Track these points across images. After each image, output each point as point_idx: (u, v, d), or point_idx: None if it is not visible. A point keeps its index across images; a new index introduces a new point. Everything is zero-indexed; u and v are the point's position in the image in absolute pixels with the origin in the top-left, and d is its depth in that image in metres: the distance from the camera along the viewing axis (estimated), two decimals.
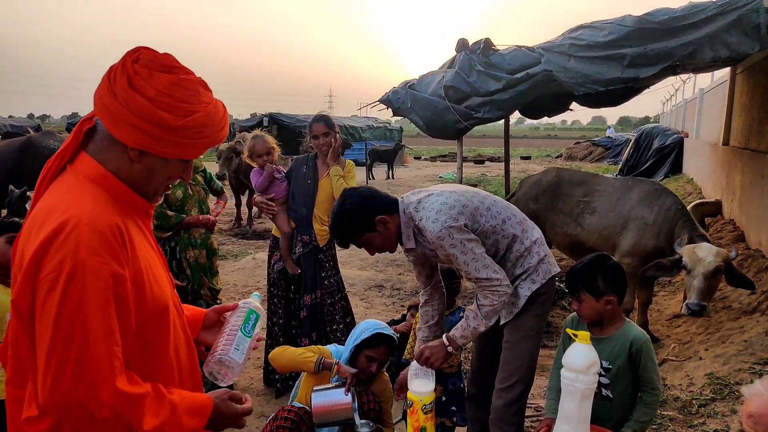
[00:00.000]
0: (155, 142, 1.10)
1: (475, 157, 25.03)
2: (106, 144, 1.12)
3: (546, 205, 4.58)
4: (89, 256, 1.00)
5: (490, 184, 15.32)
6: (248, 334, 1.42)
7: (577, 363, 1.84)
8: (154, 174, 1.16)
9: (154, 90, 1.07)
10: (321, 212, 3.38)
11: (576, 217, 4.36)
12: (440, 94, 4.92)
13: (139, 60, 1.09)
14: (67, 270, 0.98)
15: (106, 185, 1.12)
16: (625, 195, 4.11)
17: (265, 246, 7.86)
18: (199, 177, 3.37)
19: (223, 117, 1.19)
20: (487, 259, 2.05)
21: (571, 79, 4.22)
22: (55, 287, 0.98)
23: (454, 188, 2.19)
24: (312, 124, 3.37)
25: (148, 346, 1.14)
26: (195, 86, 1.13)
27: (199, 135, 1.13)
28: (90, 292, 1.00)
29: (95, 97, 1.12)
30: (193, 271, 3.25)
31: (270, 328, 3.56)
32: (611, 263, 2.06)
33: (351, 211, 2.09)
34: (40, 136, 6.94)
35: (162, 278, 1.21)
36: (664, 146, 13.84)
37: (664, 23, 3.87)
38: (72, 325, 0.99)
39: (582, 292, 2.02)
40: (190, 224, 3.21)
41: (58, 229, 1.01)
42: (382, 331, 2.41)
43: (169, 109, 1.08)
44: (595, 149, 24.25)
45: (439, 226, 1.99)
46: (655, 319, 4.62)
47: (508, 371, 2.21)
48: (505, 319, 2.23)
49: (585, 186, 4.44)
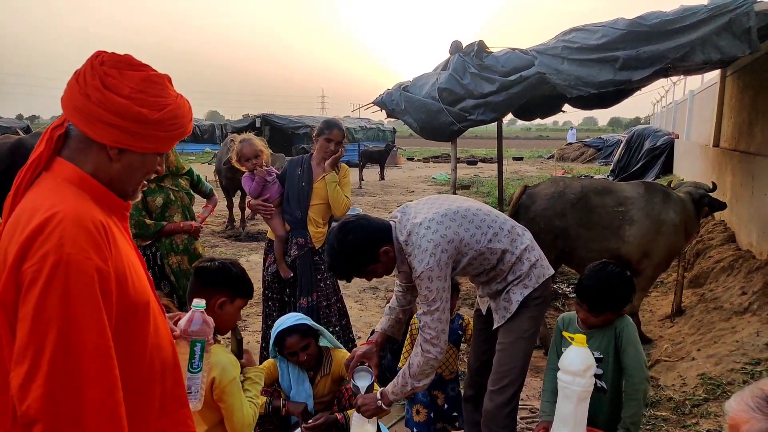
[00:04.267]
0: (134, 138, 1.14)
1: (468, 158, 25.09)
2: (82, 146, 1.14)
3: (578, 220, 3.96)
4: (74, 250, 1.01)
5: (483, 185, 15.36)
6: (196, 369, 1.40)
7: (573, 366, 1.86)
8: (133, 170, 1.20)
9: (128, 88, 1.12)
10: (316, 214, 3.37)
11: (617, 230, 3.92)
12: (434, 96, 4.93)
13: (105, 62, 1.13)
14: (50, 263, 0.98)
15: (85, 186, 1.14)
16: (650, 199, 3.95)
17: (258, 248, 7.84)
18: (184, 181, 3.28)
19: (189, 109, 1.26)
20: (445, 315, 2.09)
21: (564, 81, 4.24)
22: (38, 279, 0.98)
23: (443, 212, 2.11)
24: (332, 128, 3.33)
25: (129, 342, 1.13)
26: (163, 81, 1.19)
27: (173, 126, 1.19)
28: (75, 286, 1.00)
29: (63, 102, 1.14)
30: (177, 278, 3.19)
31: (264, 331, 3.55)
32: (627, 276, 2.12)
33: (354, 247, 2.05)
34: (32, 138, 6.86)
35: (142, 276, 1.23)
36: (654, 147, 13.95)
37: (656, 26, 3.90)
38: (53, 316, 0.98)
39: (605, 312, 2.06)
40: (171, 231, 3.14)
41: (42, 224, 1.01)
42: (279, 329, 2.56)
43: (145, 104, 1.13)
44: (586, 150, 24.42)
45: (422, 267, 2.02)
46: (647, 319, 4.66)
47: (500, 373, 2.22)
48: (498, 323, 2.25)
49: (613, 194, 4.01)
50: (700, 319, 4.14)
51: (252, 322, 4.92)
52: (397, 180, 17.40)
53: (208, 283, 1.94)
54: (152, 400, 1.22)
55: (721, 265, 4.77)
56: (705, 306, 4.29)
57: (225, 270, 1.98)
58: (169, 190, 3.17)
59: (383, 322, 2.47)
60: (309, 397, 2.62)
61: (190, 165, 3.41)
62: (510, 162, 24.43)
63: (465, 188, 14.57)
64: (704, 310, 4.23)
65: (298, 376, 2.64)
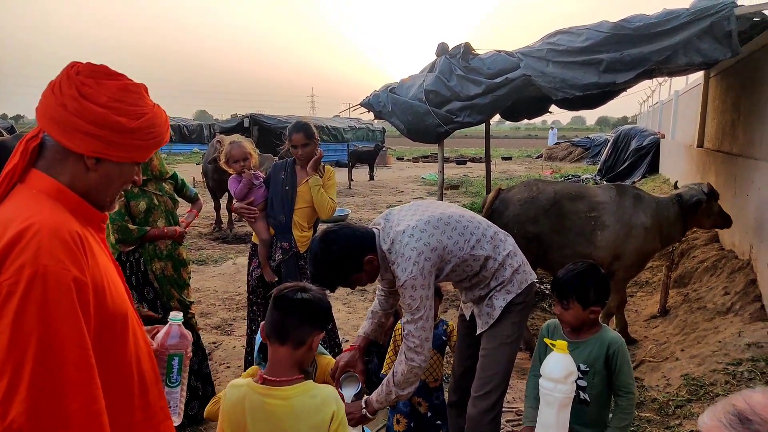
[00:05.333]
0: (111, 147, 1.14)
1: (457, 158, 25.16)
2: (58, 157, 1.13)
3: (551, 226, 3.99)
4: (51, 261, 1.00)
5: (472, 184, 15.42)
6: (174, 383, 1.39)
7: (555, 372, 1.86)
8: (110, 180, 1.19)
9: (105, 97, 1.12)
10: (300, 218, 3.35)
11: (589, 235, 3.94)
12: (421, 98, 4.93)
13: (81, 72, 1.13)
14: (27, 275, 0.97)
15: (62, 198, 1.13)
16: (621, 203, 3.98)
17: (246, 250, 7.79)
18: (168, 186, 3.22)
19: (166, 119, 1.26)
20: (429, 324, 2.07)
21: (549, 83, 4.26)
22: (15, 291, 0.96)
23: (426, 219, 2.10)
24: (291, 133, 3.29)
25: (108, 354, 1.12)
26: (140, 90, 1.19)
27: (150, 135, 1.19)
28: (53, 298, 0.99)
29: (39, 113, 1.13)
30: (160, 284, 3.13)
31: (249, 336, 3.53)
32: (602, 274, 2.11)
33: (338, 257, 2.03)
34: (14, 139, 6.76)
35: (120, 287, 1.22)
36: (641, 147, 14.08)
37: (640, 29, 3.93)
38: (32, 330, 0.96)
39: (571, 301, 2.05)
40: (154, 237, 3.08)
41: (18, 236, 1.00)
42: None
43: (123, 113, 1.13)
44: (574, 149, 24.60)
45: (406, 276, 2.01)
46: (632, 320, 4.70)
47: (483, 379, 2.22)
48: (481, 328, 2.25)
49: (585, 200, 4.02)
50: (684, 319, 4.18)
51: (238, 326, 4.89)
52: (387, 180, 17.40)
53: (308, 320, 1.61)
54: (133, 411, 1.20)
55: (704, 265, 4.82)
56: (689, 306, 4.34)
57: (324, 303, 1.70)
58: (153, 195, 3.12)
59: (365, 325, 2.46)
60: None
61: (174, 169, 3.36)
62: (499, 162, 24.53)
63: (454, 188, 14.61)
64: (688, 310, 4.27)
65: None
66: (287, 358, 1.58)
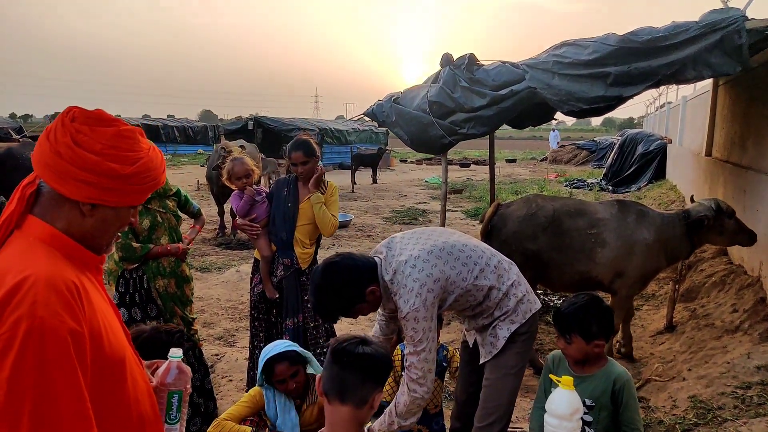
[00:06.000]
0: (106, 193, 1.14)
1: (461, 161, 25.08)
2: (54, 204, 1.14)
3: (549, 244, 3.94)
4: (47, 314, 1.00)
5: (476, 188, 15.35)
6: (173, 420, 1.39)
7: (560, 409, 1.81)
8: (107, 225, 1.20)
9: (99, 144, 1.12)
10: (302, 235, 3.33)
11: (589, 252, 3.88)
12: (425, 109, 4.88)
13: (75, 119, 1.14)
14: (24, 329, 0.97)
15: (58, 244, 1.13)
16: (623, 219, 3.91)
17: (249, 256, 7.77)
18: (171, 202, 3.22)
19: (162, 160, 1.27)
20: (432, 355, 2.04)
21: (555, 96, 4.20)
22: (12, 346, 0.97)
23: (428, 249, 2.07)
24: (291, 151, 3.27)
25: (107, 399, 1.13)
26: (134, 135, 1.20)
27: (145, 180, 1.20)
28: (49, 351, 0.99)
29: (35, 159, 1.15)
30: (163, 301, 3.13)
31: (251, 351, 3.51)
32: (604, 306, 2.06)
33: (340, 289, 2.00)
34: (20, 148, 6.78)
35: (118, 330, 1.22)
36: (647, 152, 13.99)
37: (648, 43, 3.87)
38: (29, 384, 0.97)
39: (574, 335, 2.00)
40: (158, 254, 3.08)
41: (14, 289, 1.01)
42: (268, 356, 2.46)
43: (117, 159, 1.14)
44: (579, 152, 24.45)
45: (408, 308, 1.97)
46: (638, 335, 4.63)
47: (487, 409, 2.19)
48: (484, 358, 2.21)
49: (585, 216, 3.95)
50: (691, 336, 4.11)
51: (240, 337, 4.86)
52: (390, 183, 17.35)
53: (371, 377, 1.47)
54: None
55: (712, 279, 4.75)
56: (696, 323, 4.27)
57: (387, 358, 1.56)
58: (156, 212, 3.11)
59: None
60: (295, 426, 2.57)
61: (177, 186, 3.35)
62: (503, 164, 24.46)
63: (457, 192, 14.56)
64: (695, 326, 4.20)
65: (285, 404, 2.59)
66: (350, 420, 1.44)
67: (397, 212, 11.63)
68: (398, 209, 12.05)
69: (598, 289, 4.06)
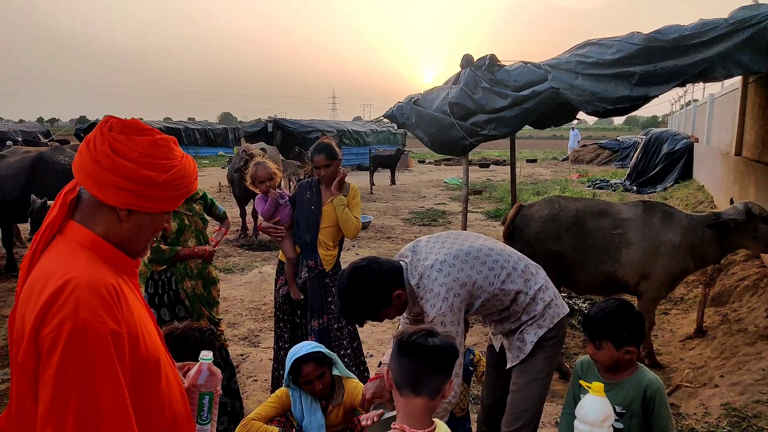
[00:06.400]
0: (142, 200, 1.19)
1: (480, 161, 24.92)
2: (93, 210, 1.20)
3: (573, 244, 3.89)
4: (89, 316, 1.05)
5: (496, 189, 15.23)
6: (205, 421, 1.43)
7: (590, 416, 1.78)
8: (142, 230, 1.25)
9: (136, 152, 1.17)
10: (325, 237, 3.35)
11: (613, 253, 3.83)
12: (445, 111, 4.85)
13: (113, 128, 1.19)
14: (67, 329, 1.02)
15: (97, 249, 1.19)
16: (648, 220, 3.84)
17: (271, 257, 7.84)
18: (197, 206, 3.28)
19: (195, 168, 1.32)
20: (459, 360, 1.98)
21: (578, 96, 4.15)
22: (57, 345, 1.02)
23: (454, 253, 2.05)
24: (313, 155, 3.30)
25: (142, 399, 1.17)
26: (169, 144, 1.25)
27: (179, 187, 1.25)
28: (92, 351, 1.04)
29: (75, 167, 1.21)
30: (191, 302, 3.20)
31: (276, 352, 3.55)
32: (635, 312, 2.01)
33: (366, 293, 2.00)
34: (51, 152, 6.95)
35: (153, 332, 1.27)
36: (673, 151, 13.71)
37: (674, 41, 3.79)
38: (73, 383, 1.02)
39: (604, 341, 1.97)
40: (185, 256, 3.14)
41: (58, 292, 1.05)
42: (296, 357, 2.49)
43: (152, 167, 1.19)
44: (602, 152, 24.06)
45: (435, 312, 1.96)
46: (667, 340, 4.54)
47: (514, 415, 2.16)
48: (511, 362, 2.18)
49: (609, 216, 3.90)
50: (723, 341, 4.01)
51: (264, 338, 4.90)
52: (408, 184, 17.32)
53: (443, 367, 1.47)
54: None
55: (744, 283, 4.62)
56: (728, 327, 4.16)
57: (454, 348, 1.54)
58: (184, 215, 3.18)
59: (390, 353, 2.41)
60: (321, 427, 2.58)
61: (204, 189, 3.40)
62: (523, 164, 24.22)
63: (477, 193, 14.46)
64: (727, 332, 4.10)
65: (311, 405, 2.61)
66: (424, 410, 1.45)
67: (417, 213, 11.60)
68: (417, 210, 12.01)
69: (623, 291, 3.99)
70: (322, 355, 2.55)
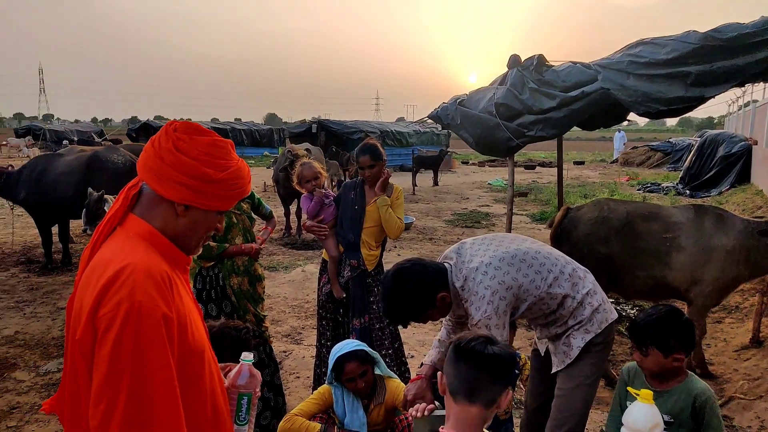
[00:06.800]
0: (199, 196, 1.25)
1: (526, 162, 24.51)
2: (153, 204, 1.26)
3: (622, 247, 3.83)
4: (144, 298, 1.10)
5: (542, 192, 14.95)
6: (243, 421, 1.45)
7: (639, 424, 1.75)
8: (197, 225, 1.31)
9: (196, 150, 1.24)
10: (368, 237, 3.38)
11: (663, 257, 3.74)
12: (491, 111, 4.83)
13: (177, 129, 1.26)
14: (124, 309, 1.08)
15: (154, 241, 1.25)
16: (700, 223, 3.72)
17: (314, 257, 7.97)
18: (245, 204, 3.36)
19: (248, 172, 1.37)
20: None
21: (629, 97, 4.05)
22: (113, 325, 1.07)
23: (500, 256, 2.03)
24: (358, 156, 3.35)
25: (187, 386, 1.20)
26: (227, 146, 1.31)
27: (233, 187, 1.30)
28: (145, 331, 1.09)
29: (139, 165, 1.28)
30: (237, 298, 3.27)
31: (318, 350, 3.60)
32: (684, 319, 1.96)
33: (411, 295, 2.00)
34: (106, 151, 7.29)
35: (200, 325, 1.32)
36: (730, 154, 13.12)
37: (733, 40, 3.64)
38: (128, 360, 1.07)
39: (650, 348, 1.93)
40: (233, 253, 3.22)
41: (116, 275, 1.12)
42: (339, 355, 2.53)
43: (210, 165, 1.25)
44: (653, 154, 23.19)
45: (480, 315, 1.95)
46: (720, 350, 4.36)
47: (558, 420, 2.13)
48: (557, 367, 2.16)
49: (660, 220, 3.82)
50: None
51: (307, 335, 4.99)
52: (451, 186, 17.22)
53: (501, 377, 1.41)
54: None
55: None
56: None
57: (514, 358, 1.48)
58: (232, 213, 3.27)
59: (432, 354, 2.41)
60: (363, 425, 2.62)
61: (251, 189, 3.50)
62: (570, 166, 23.66)
63: (522, 195, 14.23)
64: None
65: (353, 403, 2.65)
66: (478, 419, 1.40)
67: (459, 215, 11.53)
68: (460, 212, 11.94)
69: (673, 297, 3.87)
70: (365, 354, 2.59)
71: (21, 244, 8.45)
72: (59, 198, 6.72)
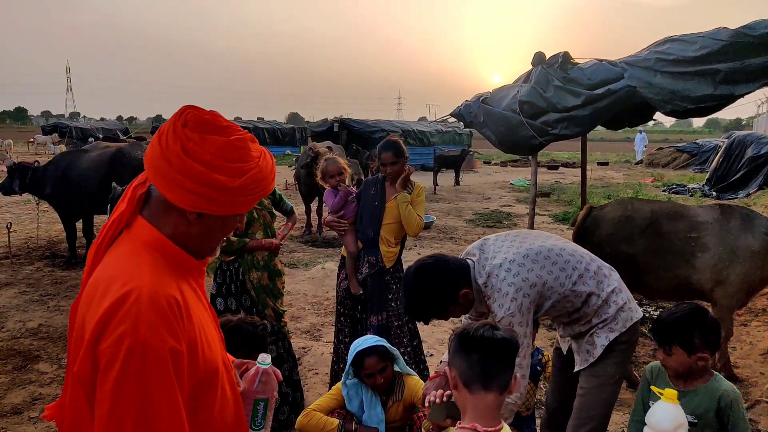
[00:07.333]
0: (213, 204, 1.12)
1: (549, 162, 24.27)
2: (162, 209, 1.14)
3: (646, 247, 3.77)
4: (149, 333, 1.01)
5: (564, 192, 14.78)
6: (258, 426, 1.40)
7: (663, 424, 1.73)
8: (212, 232, 1.19)
9: (208, 155, 1.09)
10: (388, 234, 3.38)
11: (688, 257, 3.69)
12: (515, 109, 4.79)
13: (188, 124, 1.11)
14: (126, 345, 1.00)
15: (163, 250, 1.14)
16: (726, 223, 3.65)
17: (334, 254, 8.01)
18: (266, 200, 3.37)
19: (273, 166, 1.22)
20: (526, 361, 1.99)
21: (656, 95, 3.97)
22: (115, 361, 0.99)
23: (524, 253, 2.01)
24: (381, 152, 3.35)
25: (197, 411, 1.14)
26: (245, 143, 1.15)
27: (253, 191, 1.16)
28: (150, 369, 1.01)
29: (146, 162, 1.14)
30: (257, 292, 3.30)
31: (336, 346, 3.61)
32: (709, 318, 1.92)
33: (433, 292, 1.98)
34: (130, 147, 7.44)
35: (214, 339, 1.23)
36: (758, 155, 12.81)
37: (765, 37, 3.55)
38: (131, 399, 1.00)
39: (674, 347, 1.90)
40: (253, 248, 3.24)
41: (119, 302, 1.02)
42: (359, 350, 2.54)
43: (225, 171, 1.10)
44: (679, 155, 22.75)
45: (503, 313, 1.93)
46: (746, 353, 4.26)
47: (580, 419, 2.11)
48: (579, 366, 2.13)
49: (685, 219, 3.76)
50: None
51: (326, 332, 5.02)
52: (473, 185, 17.13)
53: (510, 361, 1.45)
54: None
55: None
56: None
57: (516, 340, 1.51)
58: (253, 209, 3.30)
59: None
60: (381, 422, 2.63)
61: None
62: (594, 167, 23.33)
63: (545, 195, 14.09)
64: None
65: (371, 400, 2.65)
66: (495, 406, 1.40)
67: (481, 215, 11.46)
68: (481, 212, 11.87)
69: (697, 297, 3.80)
70: (384, 349, 2.59)
71: (46, 239, 8.64)
72: (84, 193, 6.86)
